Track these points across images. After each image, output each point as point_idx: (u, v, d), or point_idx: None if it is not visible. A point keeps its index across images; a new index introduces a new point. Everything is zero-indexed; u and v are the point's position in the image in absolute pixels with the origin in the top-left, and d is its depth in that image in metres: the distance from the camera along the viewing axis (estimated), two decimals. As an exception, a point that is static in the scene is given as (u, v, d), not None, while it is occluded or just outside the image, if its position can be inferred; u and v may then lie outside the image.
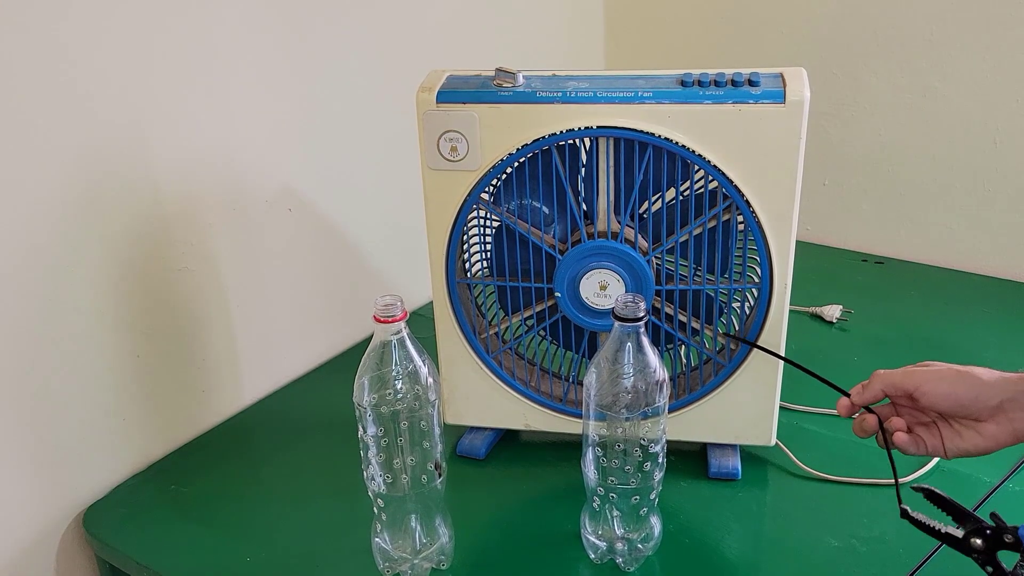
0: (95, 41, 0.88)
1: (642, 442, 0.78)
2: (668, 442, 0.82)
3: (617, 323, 0.75)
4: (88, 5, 0.86)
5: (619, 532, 0.81)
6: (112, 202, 0.93)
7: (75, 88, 0.87)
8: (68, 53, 0.86)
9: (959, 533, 0.66)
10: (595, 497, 0.81)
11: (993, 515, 0.65)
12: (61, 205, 0.89)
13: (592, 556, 0.83)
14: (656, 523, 0.82)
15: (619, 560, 0.82)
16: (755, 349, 0.88)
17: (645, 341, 0.76)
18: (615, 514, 0.81)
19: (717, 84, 0.81)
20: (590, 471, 0.80)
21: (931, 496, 0.68)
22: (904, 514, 0.69)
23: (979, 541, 0.65)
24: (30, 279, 0.88)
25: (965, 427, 0.72)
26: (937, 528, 0.67)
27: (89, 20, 0.87)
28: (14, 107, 0.83)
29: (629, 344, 0.76)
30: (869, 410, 0.76)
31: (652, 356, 0.77)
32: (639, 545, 0.82)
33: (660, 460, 0.79)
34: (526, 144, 0.84)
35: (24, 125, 0.84)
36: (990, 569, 0.65)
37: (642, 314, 0.74)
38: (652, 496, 0.81)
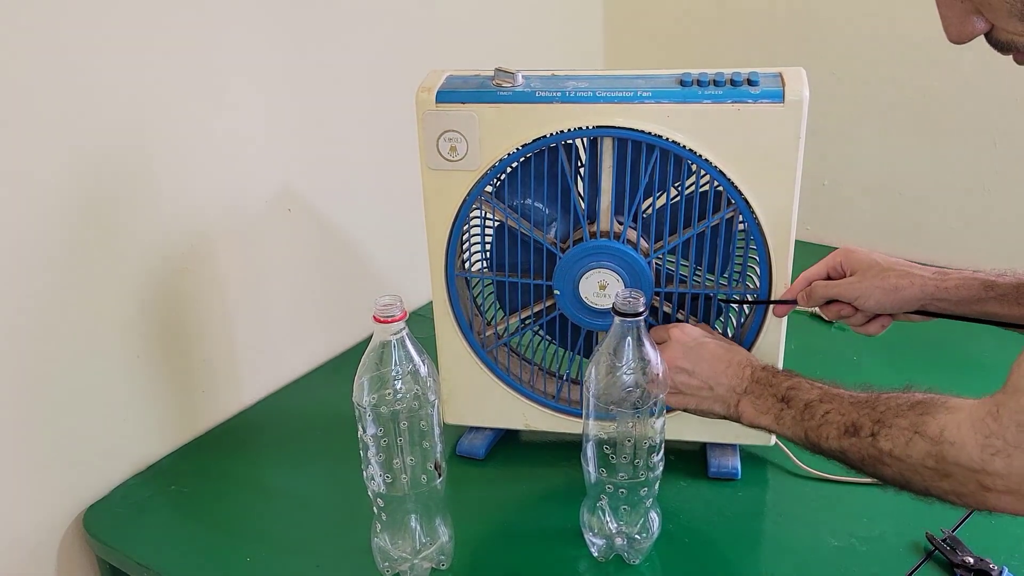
0: (97, 43, 0.88)
1: (642, 436, 0.78)
2: (668, 442, 0.82)
3: (617, 318, 0.75)
4: (90, 8, 0.86)
5: (619, 527, 0.81)
6: (112, 202, 0.93)
7: (76, 89, 0.87)
8: (71, 55, 0.86)
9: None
10: (595, 492, 0.81)
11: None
12: (61, 206, 0.89)
13: (592, 551, 0.84)
14: (655, 517, 0.83)
15: (624, 554, 0.83)
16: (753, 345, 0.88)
17: (645, 336, 0.76)
18: (614, 509, 0.81)
19: (716, 84, 0.81)
20: (590, 466, 0.80)
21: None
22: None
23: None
24: (30, 280, 0.88)
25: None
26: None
27: (92, 22, 0.87)
28: (15, 108, 0.83)
29: (629, 339, 0.76)
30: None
31: (652, 351, 0.77)
32: (636, 536, 0.82)
33: (659, 454, 0.80)
34: (525, 144, 0.84)
35: (26, 126, 0.84)
36: None
37: (642, 309, 0.74)
38: (652, 490, 0.81)
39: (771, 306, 0.87)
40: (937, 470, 0.63)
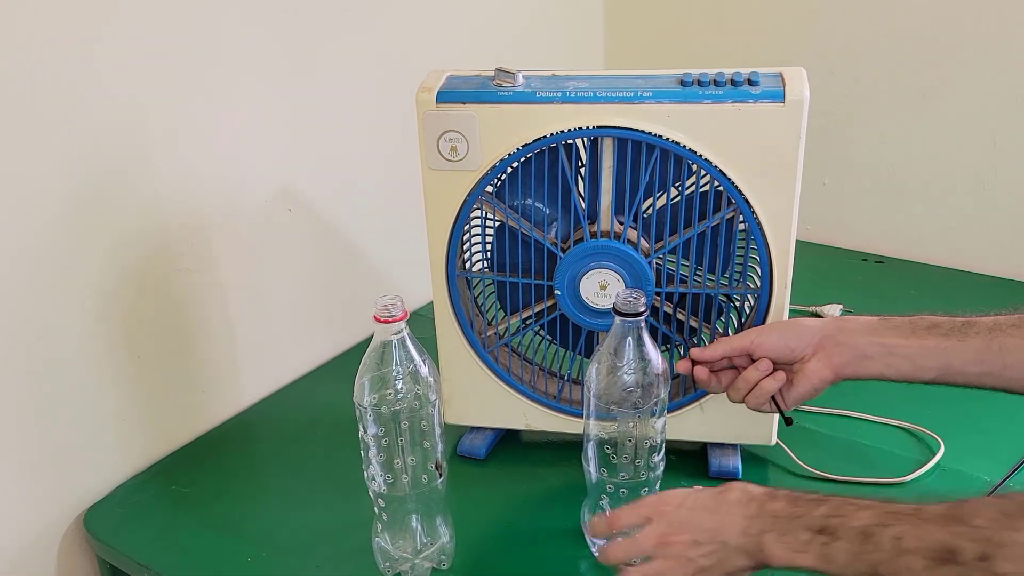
0: (97, 42, 0.88)
1: (642, 436, 0.78)
2: (669, 442, 0.82)
3: (618, 318, 0.75)
4: (90, 8, 0.86)
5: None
6: (112, 202, 0.93)
7: (76, 89, 0.87)
8: (71, 55, 0.86)
9: None
10: (596, 492, 0.81)
11: None
12: (62, 205, 0.89)
13: (593, 551, 0.83)
14: None
15: None
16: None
17: (646, 336, 0.76)
18: (615, 509, 0.81)
19: (717, 84, 0.81)
20: (591, 466, 0.80)
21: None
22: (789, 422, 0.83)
23: None
24: (30, 280, 0.88)
25: (796, 373, 0.80)
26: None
27: (91, 22, 0.87)
28: (16, 107, 0.83)
29: (629, 339, 0.76)
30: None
31: (652, 351, 0.77)
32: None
33: (660, 454, 0.80)
34: (526, 144, 0.84)
35: (26, 126, 0.84)
36: None
37: (642, 309, 0.74)
38: (653, 490, 0.81)
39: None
40: None
